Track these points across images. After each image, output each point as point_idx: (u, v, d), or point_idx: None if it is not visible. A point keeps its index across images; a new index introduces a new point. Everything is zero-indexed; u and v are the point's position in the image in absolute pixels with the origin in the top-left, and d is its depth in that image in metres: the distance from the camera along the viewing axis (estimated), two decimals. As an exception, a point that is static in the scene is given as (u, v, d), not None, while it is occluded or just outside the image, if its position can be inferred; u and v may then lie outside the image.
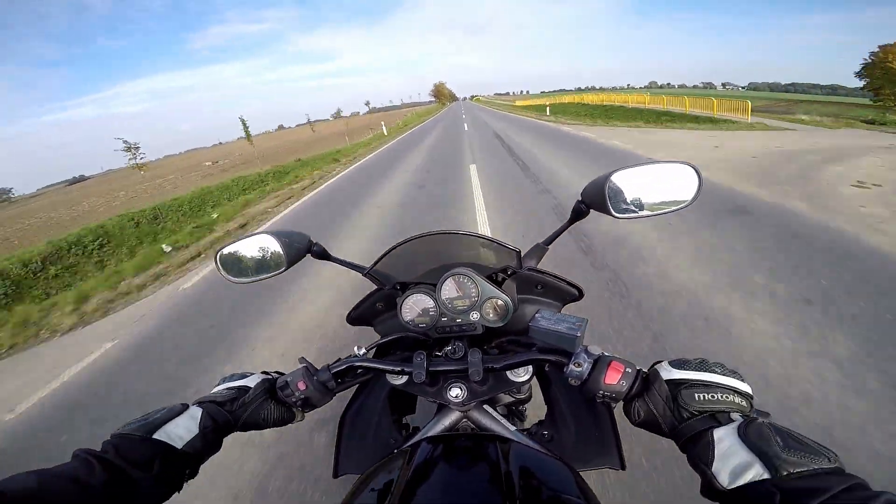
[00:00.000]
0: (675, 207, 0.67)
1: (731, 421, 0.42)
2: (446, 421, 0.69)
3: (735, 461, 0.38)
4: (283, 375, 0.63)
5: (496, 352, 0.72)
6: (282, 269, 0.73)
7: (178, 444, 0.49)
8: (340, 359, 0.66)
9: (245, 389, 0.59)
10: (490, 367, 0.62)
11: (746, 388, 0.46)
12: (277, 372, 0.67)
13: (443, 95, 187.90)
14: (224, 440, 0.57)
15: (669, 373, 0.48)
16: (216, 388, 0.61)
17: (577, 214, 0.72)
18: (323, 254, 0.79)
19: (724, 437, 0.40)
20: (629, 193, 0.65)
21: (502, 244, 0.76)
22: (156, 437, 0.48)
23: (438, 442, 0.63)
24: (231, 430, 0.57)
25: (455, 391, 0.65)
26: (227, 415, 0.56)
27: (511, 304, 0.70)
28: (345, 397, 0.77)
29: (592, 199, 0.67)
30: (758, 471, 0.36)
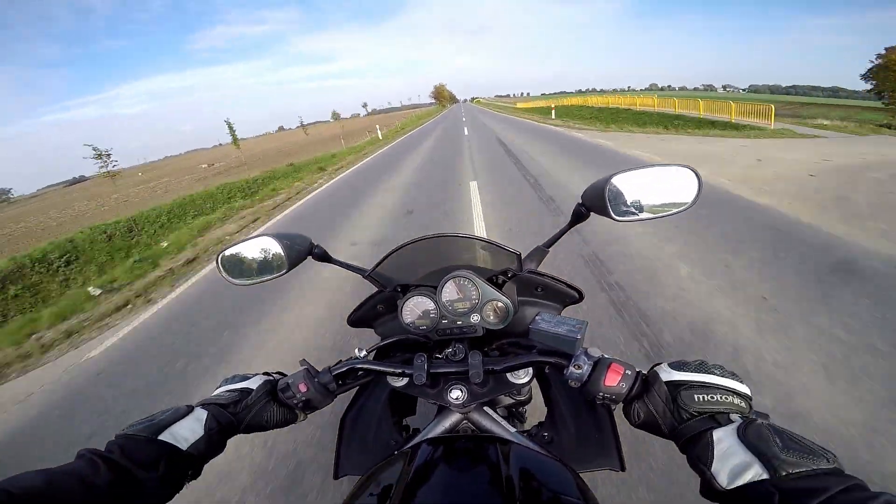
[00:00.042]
0: (676, 210, 0.67)
1: (731, 422, 0.43)
2: (446, 423, 0.69)
3: (734, 461, 0.38)
4: (285, 377, 0.64)
5: (496, 354, 0.72)
6: (283, 272, 0.73)
7: (183, 446, 0.50)
8: (341, 361, 0.66)
9: (247, 392, 0.60)
10: (490, 369, 0.62)
11: (745, 390, 0.46)
12: (279, 372, 0.67)
13: (443, 97, 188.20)
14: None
15: (669, 374, 0.49)
16: (218, 390, 0.61)
17: (577, 217, 0.72)
18: (324, 256, 0.79)
19: (724, 438, 0.40)
20: (629, 196, 0.65)
21: (502, 247, 0.77)
22: (161, 439, 0.48)
23: (439, 443, 0.63)
24: (235, 432, 0.57)
25: (455, 393, 0.65)
26: (231, 417, 0.56)
27: (511, 307, 0.70)
28: (345, 399, 0.77)
29: (592, 202, 0.67)
30: (757, 471, 0.36)
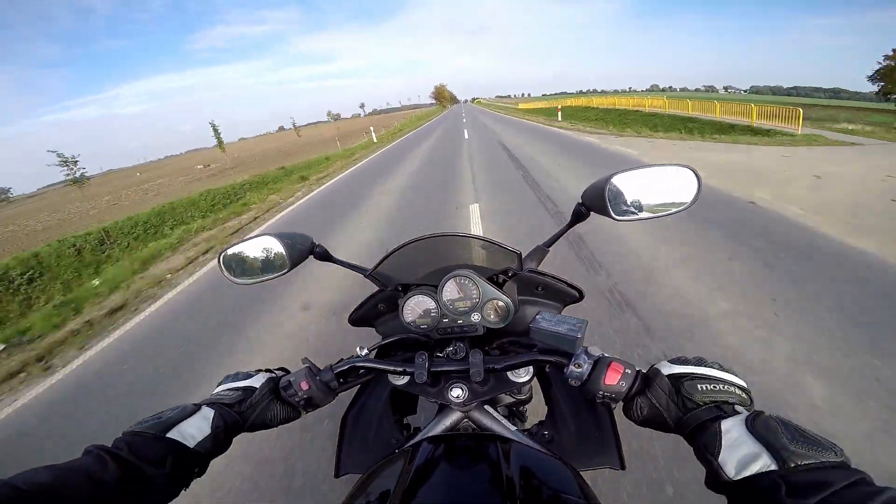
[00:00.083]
0: (675, 210, 0.68)
1: (737, 413, 0.43)
2: (447, 421, 0.70)
3: (743, 452, 0.38)
4: (287, 375, 0.64)
5: (497, 353, 0.72)
6: (285, 271, 0.74)
7: (191, 444, 0.50)
8: (343, 359, 0.67)
9: (251, 390, 0.60)
10: (491, 368, 0.63)
11: (743, 384, 0.47)
12: (280, 369, 0.67)
13: (443, 98, 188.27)
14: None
15: (670, 368, 0.50)
16: (221, 388, 0.62)
17: (577, 217, 0.72)
18: (325, 255, 0.79)
19: (732, 428, 0.40)
20: (629, 196, 0.66)
21: (503, 246, 0.77)
22: (169, 436, 0.49)
23: (439, 442, 0.64)
24: (240, 431, 0.58)
25: (456, 391, 0.65)
26: (236, 416, 0.57)
27: (512, 306, 0.71)
28: (346, 397, 0.78)
29: (592, 202, 0.68)
30: (765, 462, 0.36)
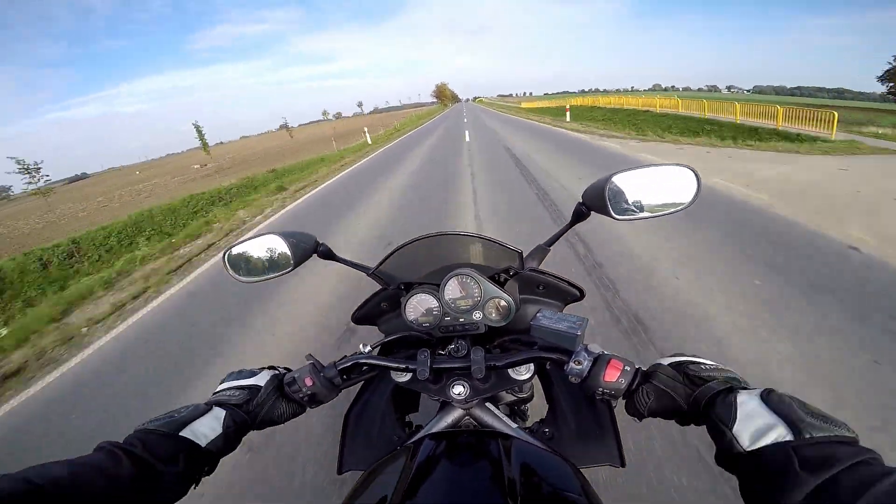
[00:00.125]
0: (675, 209, 0.68)
1: (749, 389, 0.44)
2: (449, 418, 0.70)
3: (758, 423, 0.39)
4: (291, 372, 0.65)
5: (498, 350, 0.73)
6: (288, 269, 0.74)
7: (202, 442, 0.51)
8: (346, 356, 0.68)
9: (256, 389, 0.60)
10: (492, 365, 0.63)
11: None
12: (285, 368, 0.68)
13: (445, 97, 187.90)
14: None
15: (669, 360, 0.51)
16: (224, 385, 0.62)
17: (578, 216, 0.73)
18: (329, 254, 0.80)
19: (748, 401, 0.41)
20: (629, 195, 0.66)
21: (504, 245, 0.78)
22: (182, 435, 0.49)
23: (441, 438, 0.64)
24: (248, 430, 0.58)
25: (458, 388, 0.66)
26: (245, 416, 0.57)
27: (513, 304, 0.71)
28: (349, 395, 0.78)
29: (593, 201, 0.68)
30: (781, 432, 0.37)
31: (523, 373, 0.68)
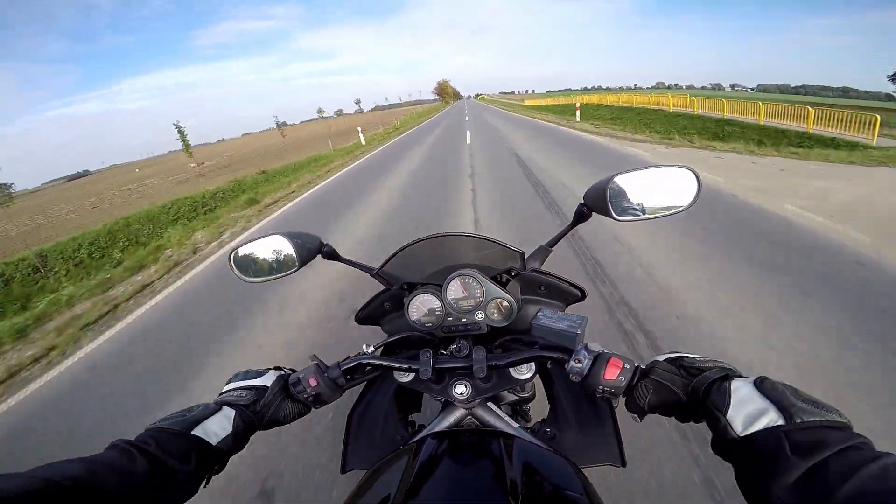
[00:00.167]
0: (675, 210, 0.68)
1: (743, 377, 0.45)
2: (451, 418, 0.71)
3: (751, 407, 0.40)
4: (296, 372, 0.65)
5: (500, 350, 0.73)
6: (293, 269, 0.75)
7: (213, 441, 0.51)
8: (350, 357, 0.68)
9: (263, 390, 0.61)
10: (494, 365, 0.64)
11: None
12: (290, 368, 0.69)
13: (446, 94, 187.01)
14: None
15: (666, 356, 0.52)
16: (231, 385, 0.62)
17: (579, 217, 0.73)
18: (333, 254, 0.80)
19: (741, 387, 0.42)
20: (630, 196, 0.66)
21: (506, 246, 0.78)
22: (193, 433, 0.50)
23: (443, 438, 0.65)
24: (256, 430, 0.59)
25: (460, 388, 0.66)
26: (252, 416, 0.58)
27: (515, 305, 0.72)
28: (352, 395, 0.79)
29: (594, 202, 0.69)
30: (772, 417, 0.37)
31: (524, 372, 0.69)
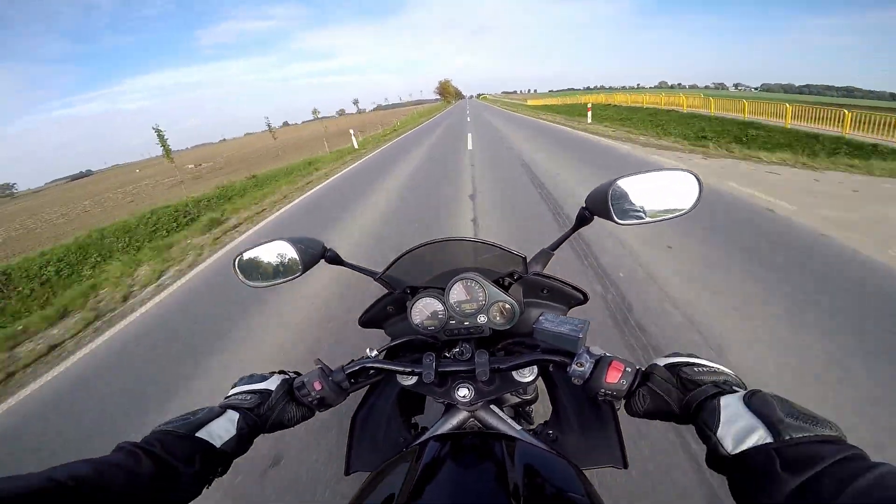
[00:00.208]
0: (677, 214, 0.69)
1: (735, 391, 0.44)
2: (454, 420, 0.71)
3: (739, 425, 0.39)
4: (300, 376, 0.66)
5: (502, 353, 0.74)
6: (297, 274, 0.76)
7: (217, 443, 0.52)
8: (353, 360, 0.69)
9: (267, 393, 0.62)
10: (496, 368, 0.64)
11: (735, 374, 0.49)
12: (294, 372, 0.69)
13: (448, 93, 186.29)
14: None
15: (665, 361, 0.52)
16: (236, 389, 0.63)
17: (581, 221, 0.74)
18: (336, 259, 0.81)
19: (730, 404, 0.42)
20: (632, 200, 0.67)
21: (509, 250, 0.79)
22: (198, 436, 0.50)
23: (446, 440, 0.65)
24: (260, 433, 0.60)
25: (463, 391, 0.67)
26: (256, 419, 0.59)
27: (517, 308, 0.72)
28: (356, 398, 0.79)
29: (596, 206, 0.69)
30: (761, 434, 0.37)
31: (527, 375, 0.69)
